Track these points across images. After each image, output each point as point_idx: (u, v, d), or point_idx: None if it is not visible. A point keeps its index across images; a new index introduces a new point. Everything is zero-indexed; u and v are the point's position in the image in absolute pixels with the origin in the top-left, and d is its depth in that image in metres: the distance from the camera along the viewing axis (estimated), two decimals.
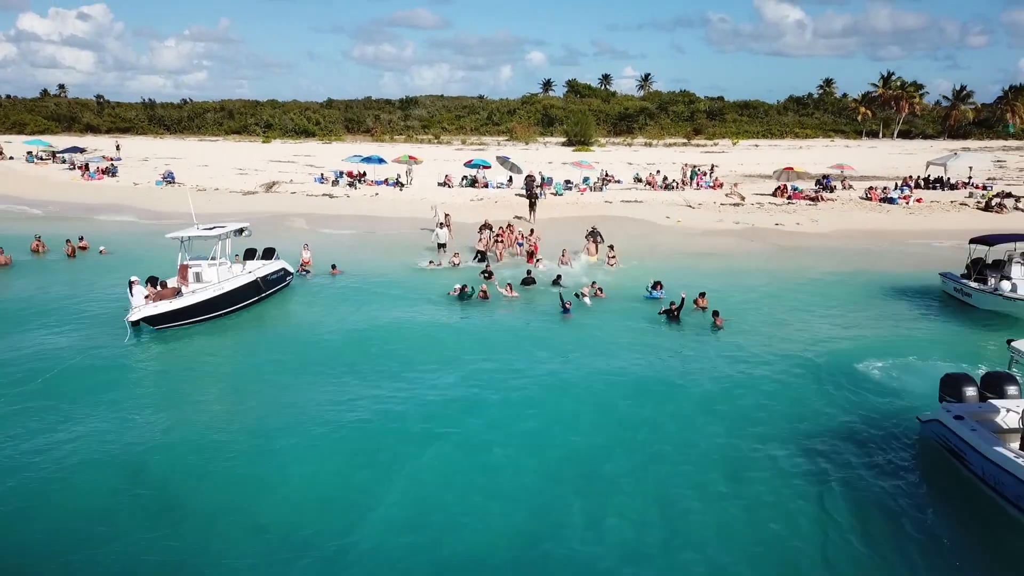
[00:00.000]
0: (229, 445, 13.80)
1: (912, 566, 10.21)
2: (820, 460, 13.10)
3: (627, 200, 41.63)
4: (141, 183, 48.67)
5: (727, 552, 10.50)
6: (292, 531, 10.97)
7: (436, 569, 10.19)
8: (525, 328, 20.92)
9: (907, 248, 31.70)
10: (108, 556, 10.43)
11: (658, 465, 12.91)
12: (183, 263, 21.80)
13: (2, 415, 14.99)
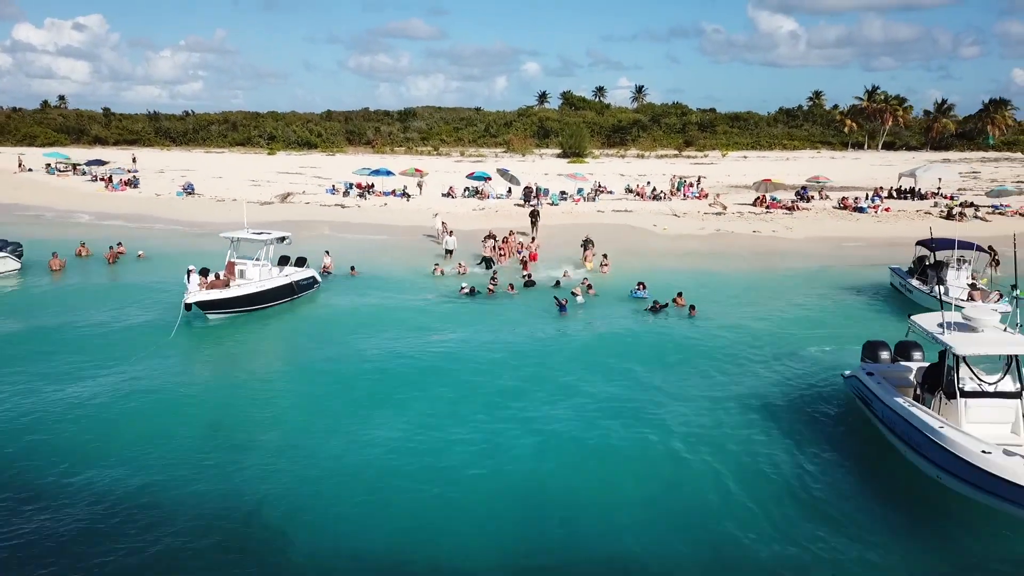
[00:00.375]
0: (278, 398, 17.16)
1: (810, 485, 13.55)
2: (759, 409, 16.51)
3: (618, 210, 45.17)
4: (162, 194, 52.05)
5: (670, 465, 13.84)
6: (332, 455, 14.25)
7: (464, 456, 13.47)
8: (524, 318, 24.28)
9: (870, 251, 35.14)
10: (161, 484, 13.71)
11: (625, 414, 16.26)
12: (231, 260, 25.15)
13: (86, 374, 18.27)
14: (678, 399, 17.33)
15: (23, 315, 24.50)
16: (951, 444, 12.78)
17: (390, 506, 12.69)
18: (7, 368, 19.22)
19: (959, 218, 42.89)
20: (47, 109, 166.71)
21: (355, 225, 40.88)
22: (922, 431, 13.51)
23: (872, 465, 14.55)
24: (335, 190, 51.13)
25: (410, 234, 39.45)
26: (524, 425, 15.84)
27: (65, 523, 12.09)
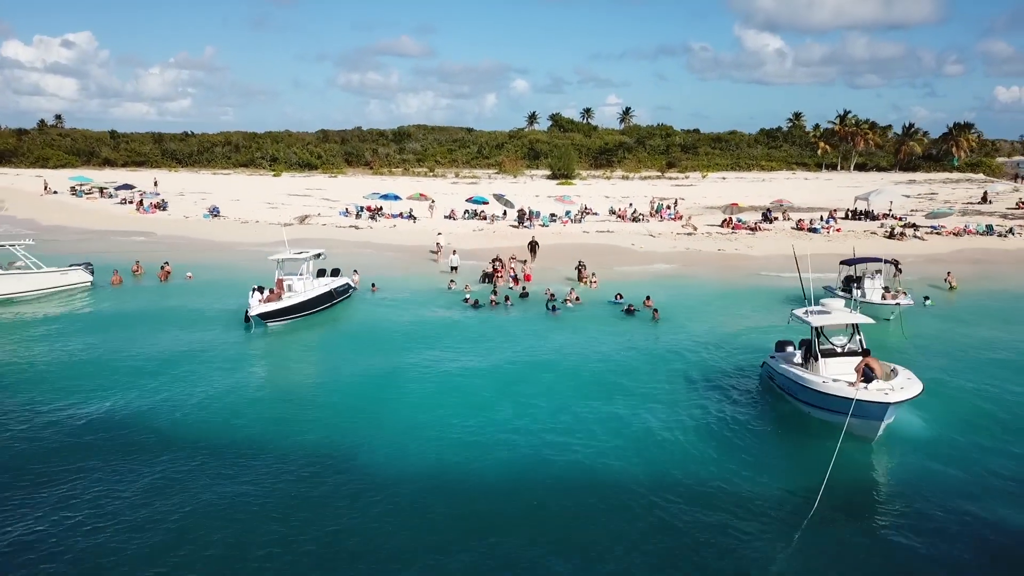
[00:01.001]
0: (337, 388, 22.88)
1: (729, 426, 19.32)
2: (702, 384, 22.32)
3: (601, 231, 51.19)
4: (190, 216, 57.73)
5: (613, 424, 19.58)
6: (384, 434, 19.91)
7: (476, 428, 19.14)
8: (521, 322, 30.11)
9: (817, 267, 41.17)
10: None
11: (597, 385, 22.02)
12: (279, 277, 30.90)
13: (166, 378, 23.91)
14: (642, 374, 23.22)
15: (112, 324, 30.00)
16: (808, 383, 19.16)
17: (437, 441, 18.38)
18: (113, 370, 24.78)
19: (900, 238, 49.15)
20: (45, 128, 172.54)
21: (371, 244, 46.68)
22: (795, 381, 19.70)
23: (769, 412, 20.49)
24: (348, 212, 56.92)
25: (418, 253, 45.26)
26: (516, 402, 21.61)
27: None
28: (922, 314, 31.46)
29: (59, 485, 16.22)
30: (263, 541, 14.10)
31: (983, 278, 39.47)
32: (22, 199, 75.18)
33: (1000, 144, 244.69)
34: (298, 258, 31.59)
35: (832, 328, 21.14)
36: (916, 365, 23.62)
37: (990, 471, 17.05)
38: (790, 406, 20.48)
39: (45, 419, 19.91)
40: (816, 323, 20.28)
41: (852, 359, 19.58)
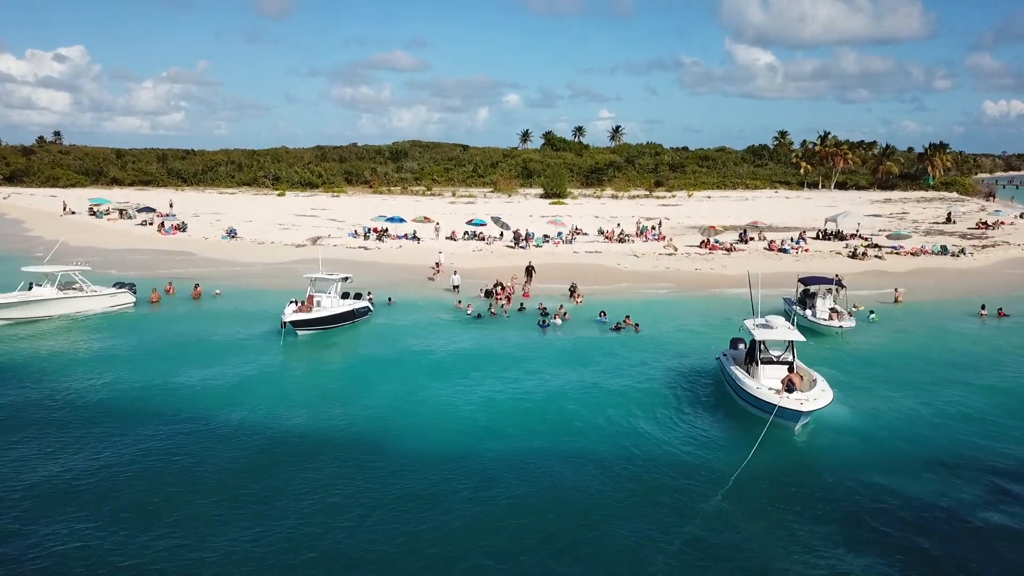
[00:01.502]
0: (361, 393, 27.51)
1: (684, 415, 24.02)
2: (669, 378, 27.02)
3: (589, 251, 56.08)
4: (209, 237, 62.38)
5: (587, 418, 24.26)
6: (407, 432, 24.53)
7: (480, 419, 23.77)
8: (517, 333, 34.83)
9: (785, 284, 46.04)
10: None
11: (579, 386, 26.70)
12: (310, 294, 35.59)
13: (239, 369, 28.49)
14: (619, 375, 27.97)
15: (159, 335, 34.59)
16: (745, 386, 23.77)
17: (443, 418, 23.02)
18: (168, 373, 29.35)
19: (862, 257, 54.16)
20: (45, 145, 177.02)
21: (381, 265, 51.38)
22: (736, 382, 24.41)
23: (718, 404, 25.29)
24: (356, 234, 61.65)
25: (424, 272, 49.98)
26: (512, 391, 26.32)
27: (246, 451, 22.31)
28: (867, 328, 36.36)
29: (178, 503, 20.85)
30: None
31: (928, 294, 44.42)
32: (43, 219, 79.69)
33: (982, 160, 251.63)
34: (328, 279, 36.33)
35: (772, 341, 25.85)
36: (849, 372, 28.69)
37: (890, 455, 21.80)
38: (732, 398, 25.26)
39: (142, 428, 24.52)
40: (759, 337, 25.07)
41: (784, 368, 24.38)
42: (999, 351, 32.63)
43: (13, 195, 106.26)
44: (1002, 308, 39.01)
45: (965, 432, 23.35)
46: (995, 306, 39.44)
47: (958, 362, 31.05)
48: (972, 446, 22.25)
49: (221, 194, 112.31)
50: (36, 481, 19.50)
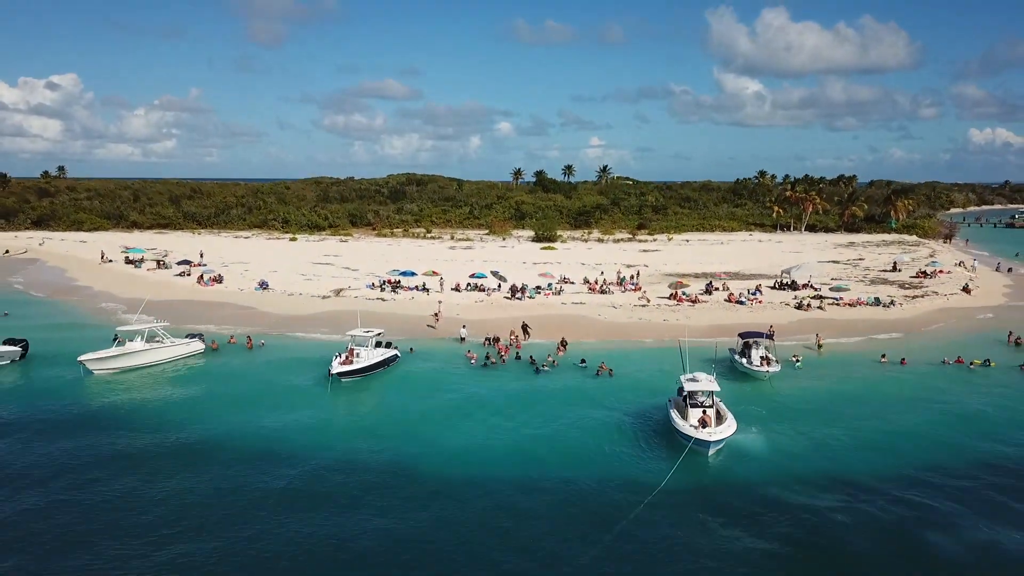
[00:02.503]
0: (401, 412, 37.01)
1: (633, 449, 33.57)
2: (628, 416, 36.60)
3: (575, 303, 65.89)
4: (244, 289, 71.92)
5: (559, 453, 33.82)
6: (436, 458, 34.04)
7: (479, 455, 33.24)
8: (515, 378, 44.45)
9: (735, 333, 55.73)
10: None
11: (560, 418, 36.22)
12: (351, 347, 45.17)
13: (294, 412, 37.93)
14: (589, 413, 37.54)
15: (229, 381, 44.04)
16: (677, 424, 33.36)
17: (465, 442, 32.45)
18: (248, 410, 38.75)
19: (806, 308, 64.11)
20: (50, 179, 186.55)
21: (398, 315, 60.95)
22: (672, 421, 33.99)
23: (662, 437, 34.83)
24: (373, 285, 71.30)
25: (441, 322, 59.56)
26: (507, 424, 35.90)
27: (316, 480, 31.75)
28: (792, 373, 46.18)
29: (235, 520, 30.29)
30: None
31: (852, 341, 54.27)
32: (84, 268, 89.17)
33: (955, 196, 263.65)
34: (365, 335, 45.99)
35: (697, 391, 35.40)
36: (768, 408, 38.41)
37: (783, 474, 31.38)
38: (674, 434, 34.79)
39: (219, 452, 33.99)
40: (687, 388, 34.75)
41: (708, 409, 34.07)
42: (888, 395, 42.34)
43: (46, 240, 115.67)
44: (904, 358, 48.92)
45: (851, 458, 32.85)
46: (900, 356, 49.33)
47: (856, 401, 40.80)
48: (854, 470, 31.68)
49: (236, 238, 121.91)
50: (167, 495, 28.96)
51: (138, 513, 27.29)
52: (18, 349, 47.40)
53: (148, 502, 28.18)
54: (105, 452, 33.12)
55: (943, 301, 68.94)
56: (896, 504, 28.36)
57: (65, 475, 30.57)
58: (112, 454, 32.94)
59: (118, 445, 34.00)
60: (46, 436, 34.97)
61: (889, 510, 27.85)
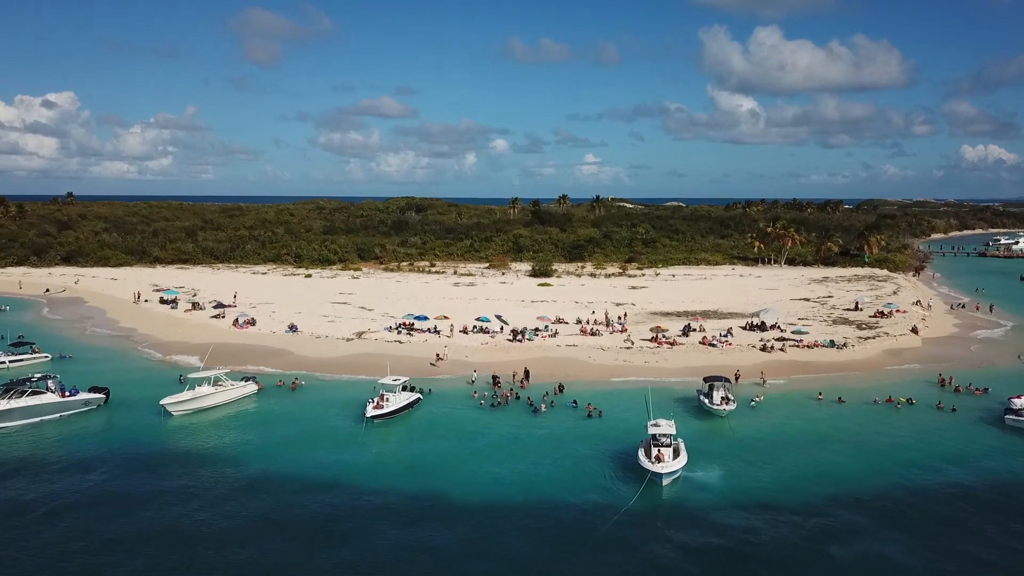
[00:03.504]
0: (430, 445, 46.76)
1: (609, 475, 43.28)
2: (608, 452, 46.30)
3: (569, 344, 75.79)
4: (276, 331, 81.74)
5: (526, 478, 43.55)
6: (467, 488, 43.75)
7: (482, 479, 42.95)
8: (517, 417, 54.26)
9: (707, 373, 65.42)
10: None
11: (552, 452, 45.93)
12: (382, 392, 54.99)
13: (335, 449, 47.65)
14: (579, 447, 47.32)
15: (280, 420, 53.77)
16: (641, 460, 43.12)
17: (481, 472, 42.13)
18: (300, 448, 48.49)
19: (769, 350, 74.10)
20: (60, 205, 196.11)
21: (415, 357, 70.70)
22: (639, 459, 43.71)
23: (634, 473, 44.53)
24: (391, 328, 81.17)
25: (444, 364, 69.33)
26: (509, 458, 45.63)
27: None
28: (747, 411, 56.00)
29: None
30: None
31: (803, 380, 64.16)
32: (123, 308, 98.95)
33: (935, 222, 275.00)
34: (393, 383, 55.82)
35: (660, 433, 45.10)
36: (720, 442, 48.18)
37: (721, 500, 41.15)
38: (641, 468, 44.38)
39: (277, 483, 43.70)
40: (651, 432, 44.51)
41: (669, 448, 43.84)
42: (823, 430, 52.15)
43: (78, 276, 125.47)
44: (841, 396, 58.88)
45: (785, 484, 42.58)
46: (838, 395, 59.27)
47: (796, 436, 50.67)
48: (786, 494, 41.41)
49: (255, 274, 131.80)
50: (254, 511, 38.65)
51: (232, 534, 37.01)
52: (102, 396, 57.01)
53: (242, 521, 37.86)
54: (188, 484, 42.71)
55: (892, 342, 79.02)
56: (812, 517, 38.18)
57: (158, 500, 40.19)
58: (195, 486, 42.53)
59: (200, 478, 43.61)
60: (137, 470, 44.58)
61: (806, 525, 37.67)
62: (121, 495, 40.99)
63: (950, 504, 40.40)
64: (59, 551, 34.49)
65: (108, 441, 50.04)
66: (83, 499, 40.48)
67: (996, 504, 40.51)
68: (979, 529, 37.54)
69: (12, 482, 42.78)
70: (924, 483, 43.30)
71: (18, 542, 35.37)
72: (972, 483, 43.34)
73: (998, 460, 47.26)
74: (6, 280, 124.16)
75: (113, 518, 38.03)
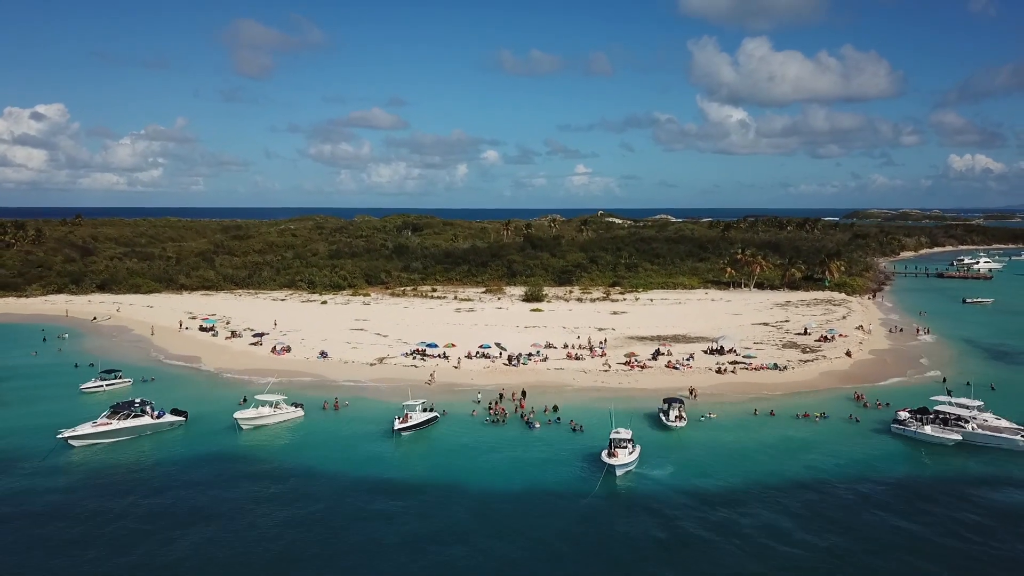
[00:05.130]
0: (455, 454, 62.24)
1: (572, 472, 58.74)
2: (579, 457, 61.78)
3: (556, 368, 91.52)
4: (309, 357, 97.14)
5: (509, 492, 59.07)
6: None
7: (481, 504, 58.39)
8: (514, 432, 69.75)
9: (667, 393, 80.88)
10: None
11: (529, 459, 61.39)
12: (407, 412, 70.52)
13: (376, 460, 63.06)
14: (562, 451, 62.85)
15: (328, 436, 69.21)
16: (603, 457, 58.83)
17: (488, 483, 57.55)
18: (347, 457, 63.94)
19: (723, 372, 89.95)
20: (69, 225, 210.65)
21: (424, 380, 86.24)
22: (602, 456, 59.33)
23: (598, 466, 60.14)
24: (407, 354, 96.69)
25: (451, 384, 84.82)
26: (507, 462, 61.15)
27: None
28: (697, 425, 71.62)
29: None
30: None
31: (747, 400, 79.83)
32: (169, 336, 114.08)
33: (906, 241, 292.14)
34: (416, 404, 71.36)
35: (619, 438, 60.68)
36: (673, 449, 63.92)
37: (676, 489, 56.77)
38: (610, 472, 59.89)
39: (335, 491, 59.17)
40: (613, 437, 60.27)
41: (626, 448, 59.45)
42: (755, 438, 67.79)
43: (118, 304, 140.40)
44: (773, 410, 74.64)
45: (717, 480, 58.22)
46: (770, 410, 75.03)
47: (732, 443, 66.26)
48: (718, 486, 57.07)
49: (275, 300, 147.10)
50: (319, 513, 54.13)
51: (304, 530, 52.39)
52: (182, 419, 72.20)
53: (307, 518, 53.20)
54: (259, 478, 58.09)
55: (828, 364, 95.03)
56: (731, 500, 53.84)
57: (237, 490, 55.50)
58: (264, 479, 57.88)
59: (268, 474, 59.00)
60: (216, 471, 59.96)
61: (726, 504, 53.32)
62: (205, 488, 56.62)
63: (836, 495, 55.97)
64: (168, 525, 49.85)
65: (191, 451, 65.19)
66: (177, 493, 55.87)
67: (870, 493, 56.16)
68: (857, 512, 53.08)
69: (122, 480, 58.09)
70: (821, 477, 58.98)
71: (126, 519, 50.73)
72: (858, 477, 58.98)
73: (881, 461, 63.01)
74: (52, 307, 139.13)
75: (200, 507, 53.61)
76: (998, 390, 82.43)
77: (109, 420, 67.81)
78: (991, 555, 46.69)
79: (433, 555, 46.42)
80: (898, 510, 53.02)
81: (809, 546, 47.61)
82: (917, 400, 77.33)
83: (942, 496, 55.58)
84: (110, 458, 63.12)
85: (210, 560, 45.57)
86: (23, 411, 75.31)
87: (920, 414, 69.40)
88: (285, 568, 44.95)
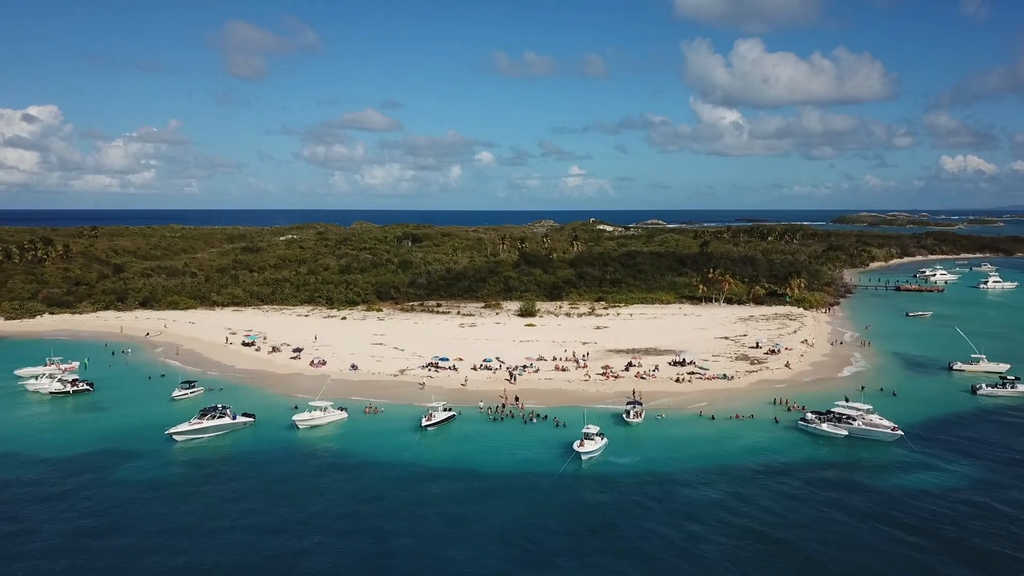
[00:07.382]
0: (478, 448, 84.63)
1: (545, 458, 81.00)
2: (553, 447, 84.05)
3: (546, 379, 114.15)
4: (343, 370, 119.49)
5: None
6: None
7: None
8: (512, 427, 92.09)
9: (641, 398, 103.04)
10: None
11: (515, 457, 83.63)
12: (431, 411, 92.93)
13: (404, 452, 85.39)
14: (546, 439, 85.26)
15: (366, 433, 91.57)
16: (574, 445, 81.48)
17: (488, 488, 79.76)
18: (386, 450, 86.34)
19: (680, 381, 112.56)
20: (85, 234, 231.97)
21: (445, 390, 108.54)
22: (576, 447, 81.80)
23: (569, 453, 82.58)
24: (423, 367, 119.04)
25: (459, 392, 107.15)
26: (506, 447, 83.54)
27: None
28: (652, 423, 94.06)
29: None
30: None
31: (695, 404, 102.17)
32: (217, 351, 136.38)
33: (875, 252, 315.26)
34: (436, 405, 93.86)
35: (588, 432, 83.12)
36: (630, 440, 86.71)
37: (630, 471, 79.16)
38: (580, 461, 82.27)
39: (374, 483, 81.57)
40: (584, 431, 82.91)
41: (594, 439, 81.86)
42: (698, 433, 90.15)
43: (164, 321, 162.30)
44: (714, 415, 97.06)
45: (663, 466, 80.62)
46: (712, 413, 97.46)
47: (677, 436, 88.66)
48: (664, 470, 79.49)
49: (299, 316, 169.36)
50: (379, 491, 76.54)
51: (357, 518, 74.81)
52: (252, 419, 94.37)
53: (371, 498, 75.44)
54: (317, 468, 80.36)
55: (769, 374, 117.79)
56: (670, 479, 76.25)
57: (300, 479, 77.76)
58: (322, 468, 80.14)
59: (323, 464, 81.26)
60: (283, 463, 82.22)
61: (666, 482, 75.73)
62: (274, 477, 78.94)
63: (751, 474, 78.49)
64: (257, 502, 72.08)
65: (263, 444, 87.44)
66: (254, 481, 78.10)
67: (776, 471, 78.66)
68: (764, 485, 75.60)
69: (213, 467, 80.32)
70: (740, 462, 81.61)
71: (212, 498, 72.88)
72: (768, 461, 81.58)
73: (788, 449, 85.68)
74: (105, 324, 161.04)
75: (279, 480, 75.98)
76: (899, 396, 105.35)
77: (200, 420, 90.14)
78: (856, 509, 69.22)
79: (455, 509, 69.33)
80: (794, 484, 75.71)
81: (728, 508, 70.22)
82: (830, 404, 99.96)
83: (829, 473, 78.32)
84: (206, 448, 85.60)
85: (286, 519, 67.93)
86: (127, 413, 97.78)
87: (822, 415, 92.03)
88: (353, 523, 67.29)
